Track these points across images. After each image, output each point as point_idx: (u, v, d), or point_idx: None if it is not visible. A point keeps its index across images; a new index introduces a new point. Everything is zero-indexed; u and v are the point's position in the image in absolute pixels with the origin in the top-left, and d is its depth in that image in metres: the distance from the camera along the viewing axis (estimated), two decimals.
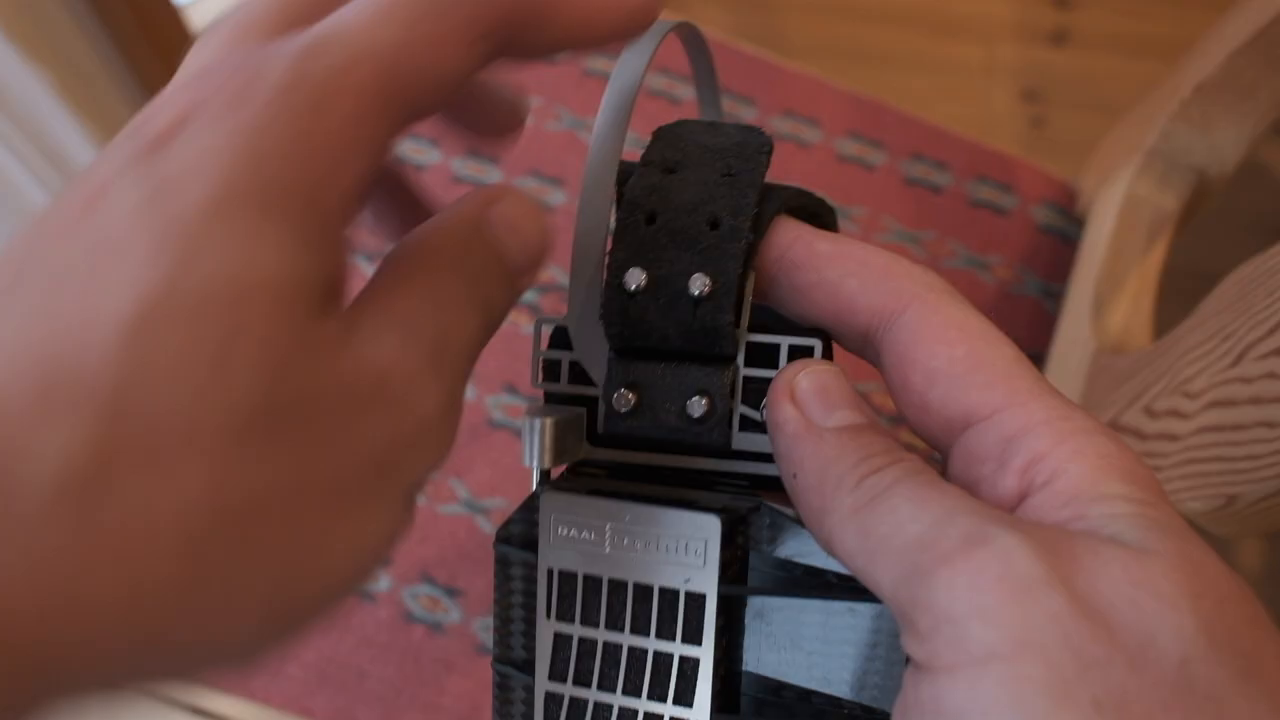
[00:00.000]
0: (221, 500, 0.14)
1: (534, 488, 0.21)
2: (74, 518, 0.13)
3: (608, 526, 0.20)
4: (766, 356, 0.21)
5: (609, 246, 0.21)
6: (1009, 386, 0.18)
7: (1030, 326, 0.53)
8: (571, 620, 0.20)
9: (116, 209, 0.15)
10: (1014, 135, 1.16)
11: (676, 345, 0.20)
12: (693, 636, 0.20)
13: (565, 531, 0.20)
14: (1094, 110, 1.16)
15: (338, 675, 0.46)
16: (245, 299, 0.14)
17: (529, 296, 0.52)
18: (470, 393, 0.49)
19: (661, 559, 0.20)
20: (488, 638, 0.47)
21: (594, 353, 0.21)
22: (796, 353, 0.21)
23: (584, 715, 0.20)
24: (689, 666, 0.20)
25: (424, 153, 0.55)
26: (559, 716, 0.21)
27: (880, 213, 0.55)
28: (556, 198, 0.54)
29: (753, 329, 0.21)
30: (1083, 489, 0.17)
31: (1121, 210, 0.50)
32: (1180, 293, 0.51)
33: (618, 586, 0.20)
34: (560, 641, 0.21)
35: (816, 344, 0.21)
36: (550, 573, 0.20)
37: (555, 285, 0.51)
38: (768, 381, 0.20)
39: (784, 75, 0.58)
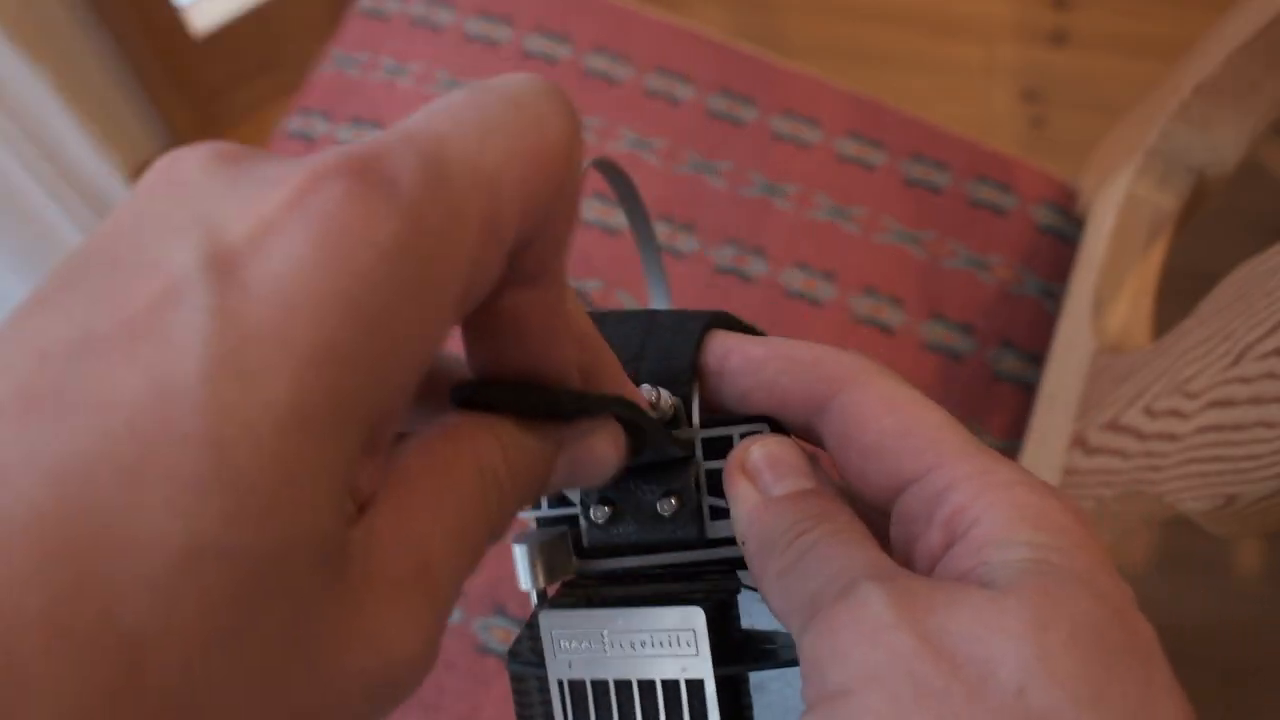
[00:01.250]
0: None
1: (533, 608, 0.22)
2: None
3: (604, 633, 0.21)
4: (722, 447, 0.23)
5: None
6: (936, 449, 0.19)
7: (1030, 326, 0.53)
8: None
9: (182, 340, 0.12)
10: (1014, 135, 1.16)
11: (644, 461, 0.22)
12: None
13: (567, 644, 0.21)
14: (1094, 110, 1.16)
15: None
16: (284, 563, 0.13)
17: None
18: None
19: (658, 654, 0.21)
20: (488, 638, 0.47)
21: None
22: (748, 438, 0.23)
23: None
24: None
25: None
26: None
27: (880, 213, 0.55)
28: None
29: (704, 424, 0.23)
30: (991, 537, 0.18)
31: (1121, 210, 0.50)
32: (1180, 293, 0.51)
33: (623, 686, 0.21)
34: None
35: (763, 426, 0.23)
36: (560, 684, 0.22)
37: None
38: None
39: (784, 75, 0.58)
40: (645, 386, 0.22)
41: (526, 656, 0.22)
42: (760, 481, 0.21)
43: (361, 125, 0.56)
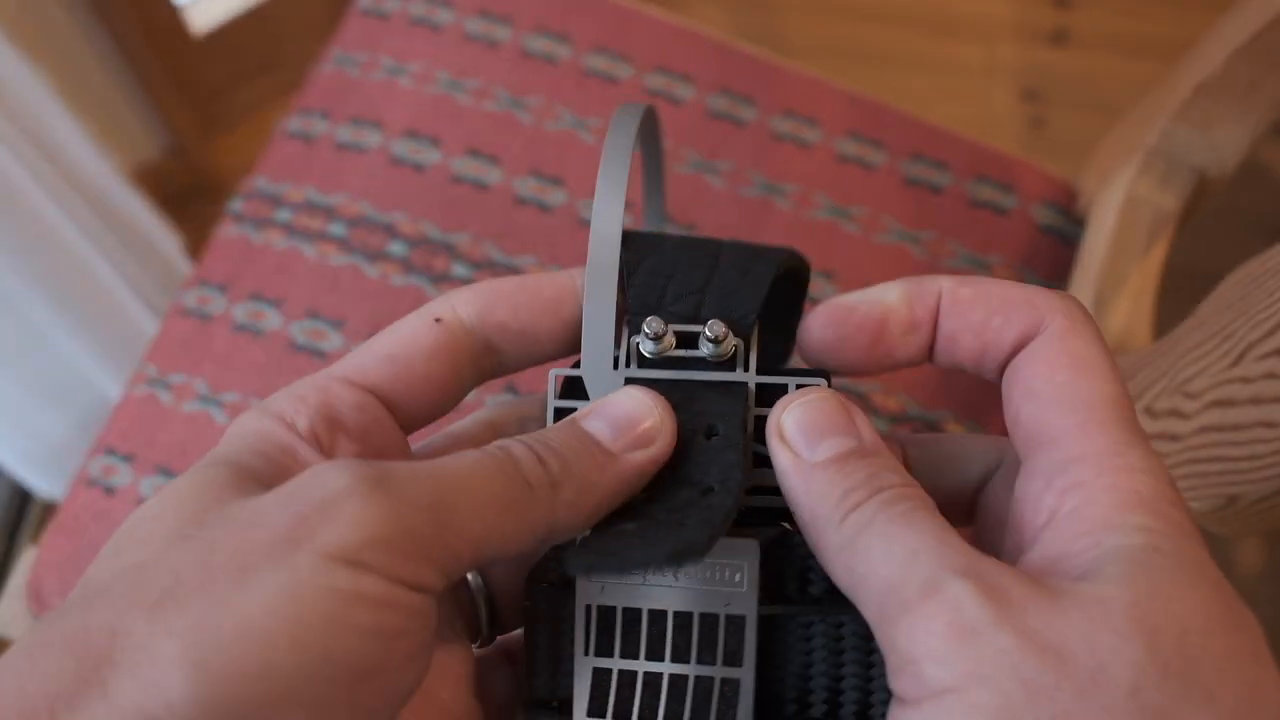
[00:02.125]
0: None
1: None
2: None
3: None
4: (776, 396, 0.22)
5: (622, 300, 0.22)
6: (1086, 416, 0.19)
7: None
8: (611, 654, 0.21)
9: None
10: (1014, 135, 1.16)
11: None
12: (733, 659, 0.20)
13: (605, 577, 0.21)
14: (1094, 110, 1.16)
15: None
16: None
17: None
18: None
19: (700, 587, 0.20)
20: None
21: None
22: (786, 397, 0.22)
23: None
24: (729, 689, 0.20)
25: (424, 152, 0.55)
26: None
27: (880, 213, 0.55)
28: (557, 197, 0.54)
29: (762, 371, 0.22)
30: (1103, 520, 0.18)
31: (1121, 210, 0.50)
32: (1180, 293, 0.51)
33: (657, 617, 0.21)
34: (599, 676, 0.21)
35: (820, 380, 0.22)
36: (589, 609, 0.21)
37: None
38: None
39: (784, 75, 0.58)
40: (712, 322, 0.21)
41: (552, 579, 0.21)
42: (797, 447, 0.20)
43: (361, 125, 0.56)
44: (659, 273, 0.22)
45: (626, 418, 0.21)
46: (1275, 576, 0.90)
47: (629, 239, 0.23)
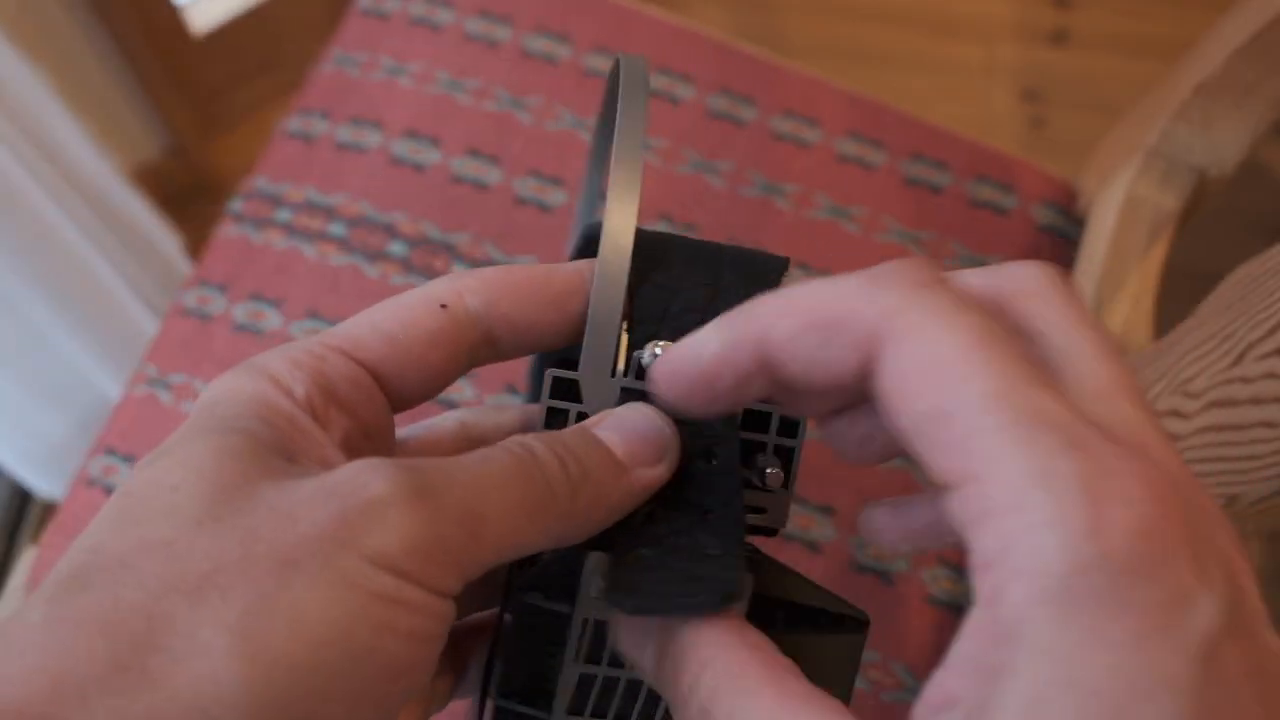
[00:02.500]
0: None
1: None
2: None
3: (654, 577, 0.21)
4: (758, 422, 0.22)
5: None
6: (974, 449, 0.16)
7: None
8: (599, 662, 0.21)
9: None
10: (1014, 135, 1.16)
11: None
12: None
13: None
14: (1094, 110, 1.16)
15: None
16: None
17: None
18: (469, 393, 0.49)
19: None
20: None
21: (605, 406, 0.22)
22: (785, 422, 0.22)
23: None
24: None
25: (424, 152, 0.55)
26: None
27: (880, 213, 0.55)
28: (557, 197, 0.54)
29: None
30: (1005, 631, 0.15)
31: (1122, 210, 0.50)
32: (1180, 293, 0.51)
33: None
34: (584, 680, 0.21)
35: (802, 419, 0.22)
36: (586, 622, 0.21)
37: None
38: (759, 445, 0.22)
39: (784, 75, 0.58)
40: None
41: (552, 591, 0.21)
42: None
43: (361, 125, 0.56)
44: (665, 287, 0.23)
45: (639, 433, 0.21)
46: (1275, 576, 0.90)
47: (639, 244, 0.23)
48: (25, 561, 0.51)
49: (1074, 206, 0.56)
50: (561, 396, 0.22)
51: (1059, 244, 0.55)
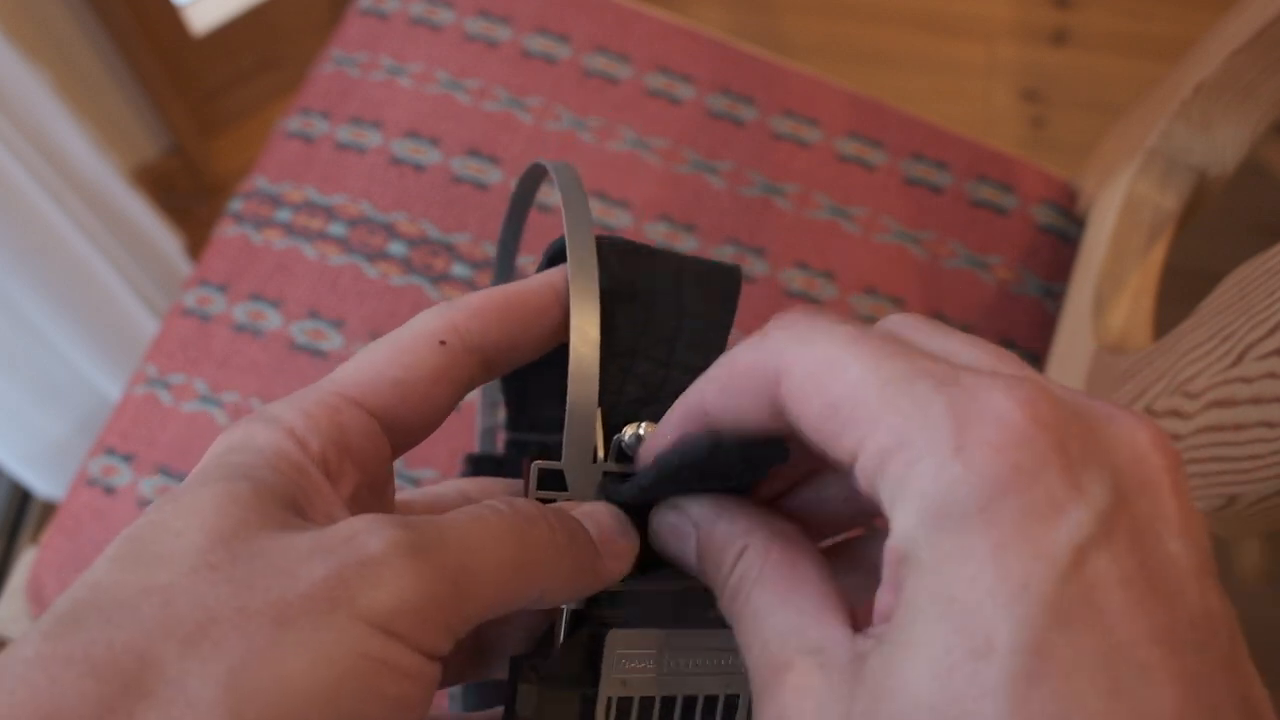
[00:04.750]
0: None
1: (562, 630, 0.22)
2: None
3: (664, 653, 0.22)
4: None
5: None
6: (855, 426, 0.17)
7: (1030, 326, 0.53)
8: None
9: None
10: (1014, 135, 1.16)
11: None
12: None
13: (629, 663, 0.22)
14: (1094, 110, 1.16)
15: None
16: None
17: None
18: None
19: (706, 671, 0.22)
20: None
21: (589, 492, 0.23)
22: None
23: None
24: None
25: (424, 152, 0.55)
26: None
27: (880, 213, 0.55)
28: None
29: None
30: (900, 555, 0.16)
31: (1121, 210, 0.50)
32: (1180, 293, 0.51)
33: (668, 703, 0.22)
34: None
35: (780, 449, 0.21)
36: (610, 701, 0.22)
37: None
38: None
39: (784, 75, 0.58)
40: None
41: (575, 674, 0.22)
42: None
43: (361, 125, 0.56)
44: (635, 321, 0.24)
45: (609, 529, 0.22)
46: (1275, 576, 0.90)
47: (605, 267, 0.24)
48: (25, 561, 0.51)
49: (1074, 206, 0.56)
50: (546, 486, 0.23)
51: (1059, 244, 0.55)
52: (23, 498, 0.96)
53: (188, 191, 1.08)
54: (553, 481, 0.22)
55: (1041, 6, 1.23)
